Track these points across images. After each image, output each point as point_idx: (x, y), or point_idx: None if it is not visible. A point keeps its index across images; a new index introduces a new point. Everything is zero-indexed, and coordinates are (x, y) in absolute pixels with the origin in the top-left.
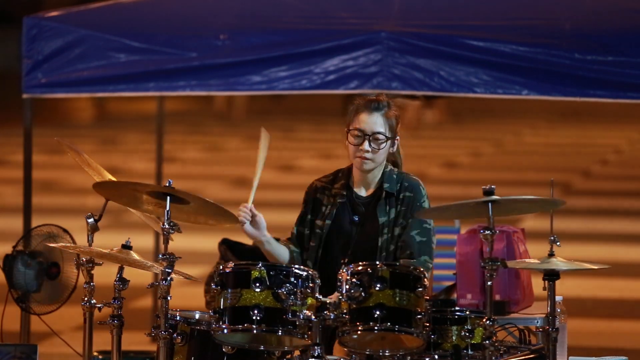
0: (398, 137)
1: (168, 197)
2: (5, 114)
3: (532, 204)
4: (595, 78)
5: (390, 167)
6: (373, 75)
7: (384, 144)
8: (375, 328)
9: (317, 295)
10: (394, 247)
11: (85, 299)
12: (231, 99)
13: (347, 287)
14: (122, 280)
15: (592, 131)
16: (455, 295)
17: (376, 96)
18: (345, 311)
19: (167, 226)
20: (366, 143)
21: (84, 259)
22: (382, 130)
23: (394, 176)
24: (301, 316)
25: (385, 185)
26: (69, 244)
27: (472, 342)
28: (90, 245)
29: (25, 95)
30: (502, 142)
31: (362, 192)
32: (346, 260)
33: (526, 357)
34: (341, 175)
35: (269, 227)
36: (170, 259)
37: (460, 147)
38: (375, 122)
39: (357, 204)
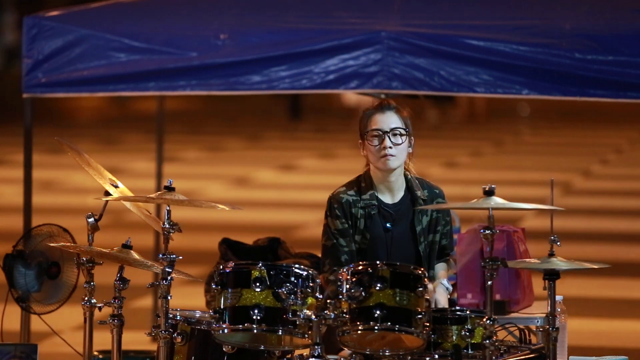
0: (413, 138)
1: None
2: (6, 114)
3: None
4: (595, 78)
5: (408, 173)
6: (373, 75)
7: (403, 139)
8: (376, 328)
9: (317, 294)
10: (429, 251)
11: (86, 298)
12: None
13: (347, 286)
14: (123, 280)
15: (592, 131)
16: (455, 295)
17: (380, 100)
18: (345, 311)
19: (167, 226)
20: (387, 140)
21: (84, 259)
22: (398, 125)
23: (418, 182)
24: (301, 316)
25: (422, 193)
26: (69, 244)
27: (473, 341)
28: (90, 244)
29: (25, 95)
30: (502, 142)
31: (388, 199)
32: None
33: (526, 356)
34: (365, 185)
35: (269, 227)
36: (171, 259)
37: (460, 147)
38: (389, 119)
39: (386, 212)
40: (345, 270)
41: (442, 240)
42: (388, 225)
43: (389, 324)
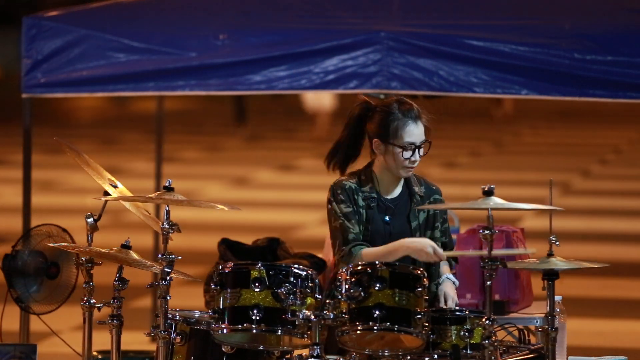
0: None
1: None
2: (5, 114)
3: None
4: (595, 78)
5: None
6: (372, 75)
7: (426, 149)
8: (375, 328)
9: (316, 294)
10: None
11: (85, 298)
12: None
13: (347, 286)
14: (122, 280)
15: (592, 131)
16: None
17: (407, 103)
18: (344, 311)
19: (166, 226)
20: (416, 154)
21: (84, 259)
22: (425, 137)
23: (415, 179)
24: (301, 316)
25: (420, 189)
26: (68, 244)
27: (472, 341)
28: (89, 245)
29: (24, 95)
30: (502, 142)
31: (386, 194)
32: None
33: (525, 356)
34: (365, 178)
35: (268, 227)
36: (170, 259)
37: (460, 147)
38: (421, 131)
39: (385, 205)
40: (344, 270)
41: (442, 238)
42: (387, 218)
43: (388, 324)
